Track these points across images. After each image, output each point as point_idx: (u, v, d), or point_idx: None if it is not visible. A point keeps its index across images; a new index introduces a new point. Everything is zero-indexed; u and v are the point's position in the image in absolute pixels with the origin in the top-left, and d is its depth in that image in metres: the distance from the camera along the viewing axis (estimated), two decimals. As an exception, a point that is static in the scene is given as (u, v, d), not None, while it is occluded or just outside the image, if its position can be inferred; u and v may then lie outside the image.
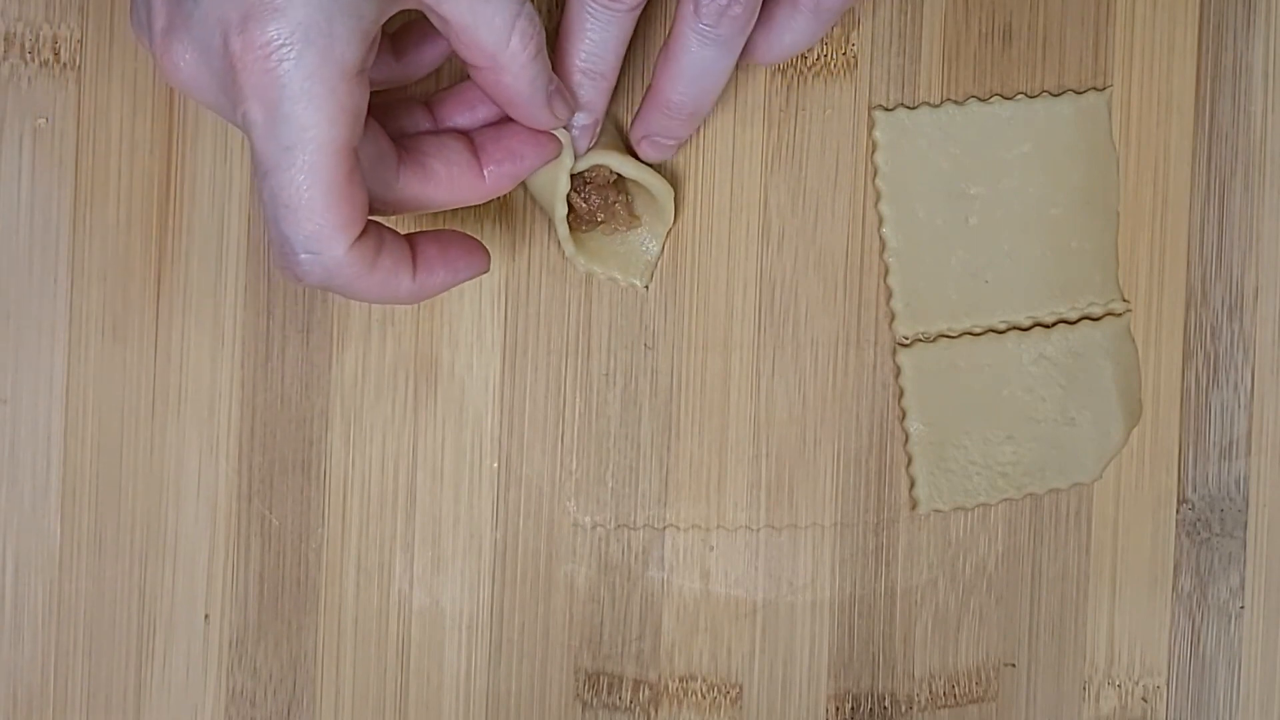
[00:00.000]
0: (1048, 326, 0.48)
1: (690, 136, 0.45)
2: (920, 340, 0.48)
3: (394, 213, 0.40)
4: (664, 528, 0.48)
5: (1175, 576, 0.49)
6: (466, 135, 0.42)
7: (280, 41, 0.34)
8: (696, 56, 0.42)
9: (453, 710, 0.47)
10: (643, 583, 0.48)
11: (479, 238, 0.47)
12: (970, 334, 0.48)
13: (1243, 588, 0.49)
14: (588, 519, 0.48)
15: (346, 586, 0.47)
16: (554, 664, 0.48)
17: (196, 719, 0.47)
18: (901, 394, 0.48)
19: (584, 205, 0.45)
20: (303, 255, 0.36)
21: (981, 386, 0.48)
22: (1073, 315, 0.48)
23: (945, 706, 0.49)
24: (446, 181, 0.40)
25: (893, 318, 0.48)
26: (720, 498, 0.48)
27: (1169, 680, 0.49)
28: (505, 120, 0.42)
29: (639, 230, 0.47)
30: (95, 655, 0.47)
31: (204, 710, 0.47)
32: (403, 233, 0.39)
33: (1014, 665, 0.49)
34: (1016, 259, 0.48)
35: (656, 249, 0.47)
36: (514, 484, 0.47)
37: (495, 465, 0.47)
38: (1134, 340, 0.49)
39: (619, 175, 0.45)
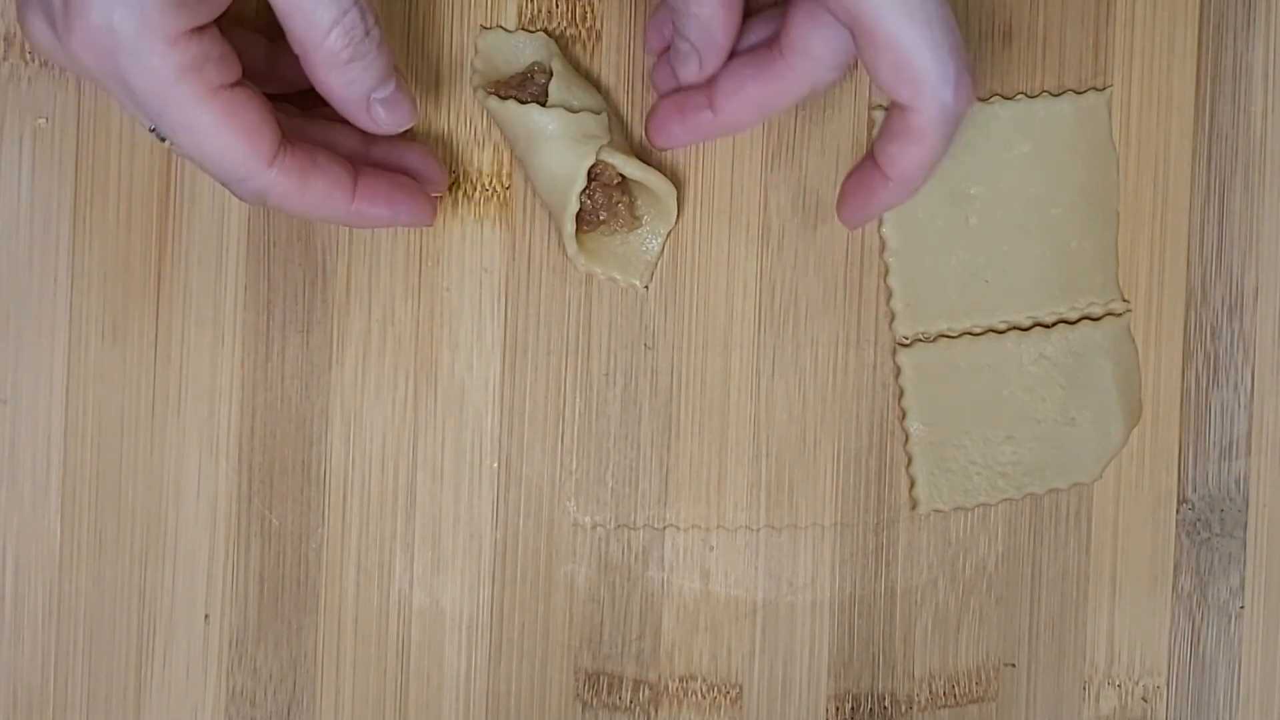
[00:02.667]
0: (1048, 326, 0.48)
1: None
2: (920, 340, 0.48)
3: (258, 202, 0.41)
4: (664, 528, 0.48)
5: (1175, 576, 0.49)
6: (351, 161, 0.42)
7: (102, 26, 0.36)
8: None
9: (453, 710, 0.47)
10: (643, 583, 0.48)
11: (479, 236, 0.47)
12: (970, 334, 0.48)
13: (1243, 588, 0.49)
14: (588, 519, 0.48)
15: (346, 586, 0.47)
16: (554, 664, 0.48)
17: (196, 719, 0.47)
18: (901, 394, 0.48)
19: (589, 203, 0.45)
20: (236, 187, 0.39)
21: (981, 386, 0.48)
22: (1073, 315, 0.48)
23: (945, 706, 0.49)
24: (319, 186, 0.41)
25: (893, 318, 0.48)
26: (720, 498, 0.48)
27: (1169, 680, 0.49)
28: (398, 176, 0.44)
29: (639, 231, 0.47)
30: (95, 655, 0.47)
31: (204, 710, 0.47)
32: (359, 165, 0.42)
33: (1014, 665, 0.49)
34: (1016, 259, 0.48)
35: (657, 249, 0.47)
36: (514, 484, 0.47)
37: (495, 465, 0.47)
38: (1134, 340, 0.49)
39: (623, 176, 0.45)
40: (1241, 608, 0.49)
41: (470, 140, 0.47)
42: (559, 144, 0.44)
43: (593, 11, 0.47)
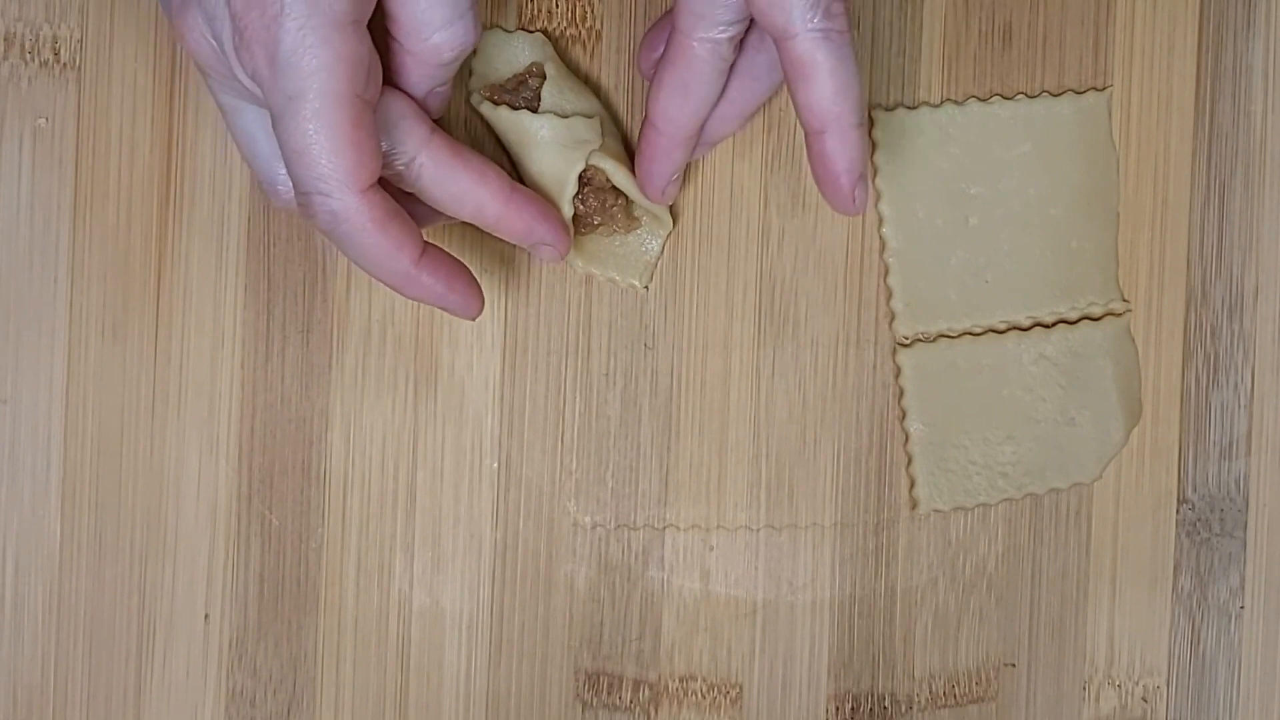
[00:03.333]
0: (1048, 326, 0.48)
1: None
2: (920, 340, 0.48)
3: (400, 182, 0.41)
4: (664, 528, 0.48)
5: (1175, 576, 0.49)
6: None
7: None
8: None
9: (453, 710, 0.47)
10: (643, 583, 0.48)
11: (479, 237, 0.47)
12: (970, 334, 0.48)
13: (1243, 588, 0.49)
14: (588, 519, 0.48)
15: (346, 586, 0.47)
16: (554, 664, 0.48)
17: (196, 719, 0.47)
18: (901, 394, 0.48)
19: (582, 207, 0.45)
20: (314, 196, 0.38)
21: (981, 386, 0.48)
22: (1073, 315, 0.48)
23: (945, 706, 0.49)
24: (473, 174, 0.41)
25: (893, 318, 0.48)
26: (720, 498, 0.48)
27: (1169, 680, 0.49)
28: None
29: (638, 232, 0.47)
30: (95, 655, 0.47)
31: (204, 710, 0.47)
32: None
33: (1014, 665, 0.49)
34: (1016, 259, 0.48)
35: (656, 250, 0.47)
36: (514, 484, 0.47)
37: (495, 465, 0.47)
38: (1134, 340, 0.49)
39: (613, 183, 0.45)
40: (1241, 608, 0.49)
41: (470, 141, 0.47)
42: (550, 150, 0.44)
43: (592, 12, 0.47)
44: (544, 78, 0.45)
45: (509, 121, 0.45)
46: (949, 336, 0.48)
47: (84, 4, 0.46)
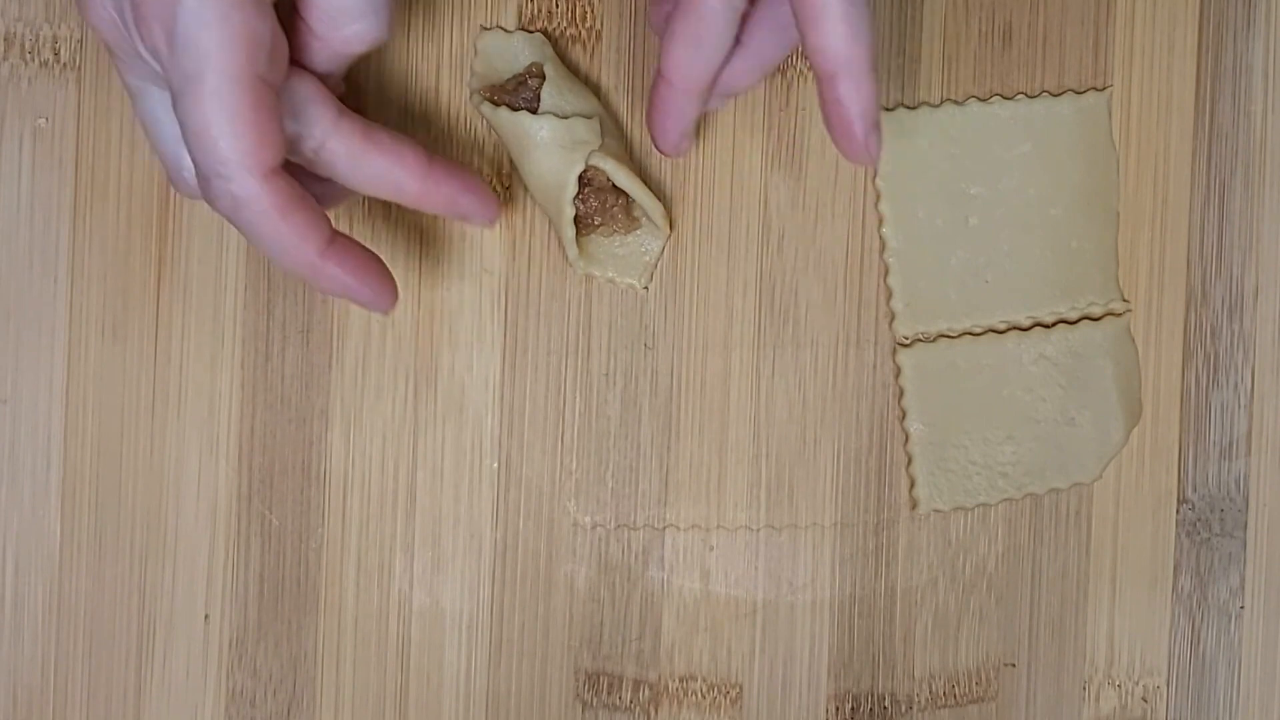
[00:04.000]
0: (1048, 326, 0.48)
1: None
2: (920, 340, 0.48)
3: (317, 170, 0.40)
4: (664, 528, 0.48)
5: (1175, 576, 0.49)
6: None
7: None
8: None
9: (453, 710, 0.47)
10: (643, 583, 0.48)
11: (479, 236, 0.47)
12: (970, 334, 0.48)
13: (1243, 588, 0.49)
14: (588, 519, 0.48)
15: (346, 586, 0.47)
16: (554, 664, 0.48)
17: (196, 719, 0.47)
18: (901, 394, 0.48)
19: (582, 208, 0.45)
20: (214, 180, 0.37)
21: (981, 386, 0.48)
22: (1073, 315, 0.48)
23: (945, 706, 0.49)
24: (387, 155, 0.40)
25: (893, 318, 0.48)
26: (720, 498, 0.48)
27: (1169, 680, 0.49)
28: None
29: (638, 232, 0.47)
30: (95, 655, 0.47)
31: (204, 710, 0.47)
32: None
33: (1014, 665, 0.49)
34: (1016, 259, 0.48)
35: (656, 251, 0.47)
36: (514, 484, 0.47)
37: (495, 465, 0.47)
38: (1134, 340, 0.49)
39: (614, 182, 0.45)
40: (1241, 608, 0.49)
41: (469, 141, 0.47)
42: (550, 150, 0.44)
43: (593, 11, 0.47)
44: (543, 78, 0.45)
45: (509, 122, 0.45)
46: (949, 336, 0.48)
47: (84, 4, 0.46)
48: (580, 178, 0.44)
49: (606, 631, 0.48)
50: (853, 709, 0.48)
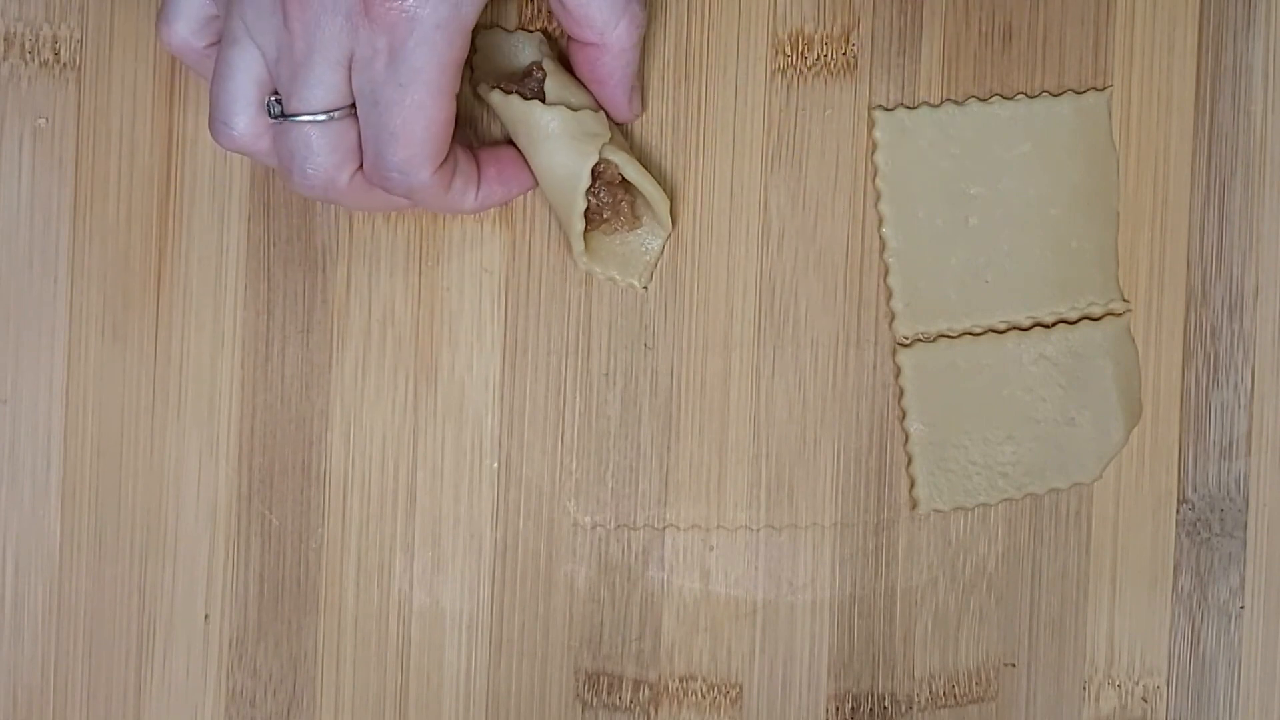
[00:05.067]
0: (1048, 326, 0.48)
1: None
2: (920, 340, 0.48)
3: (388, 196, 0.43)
4: (664, 528, 0.48)
5: (1175, 576, 0.49)
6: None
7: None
8: None
9: (453, 710, 0.47)
10: (643, 583, 0.48)
11: (479, 236, 0.47)
12: (970, 334, 0.48)
13: (1243, 588, 0.49)
14: (588, 519, 0.48)
15: (346, 586, 0.47)
16: (554, 664, 0.48)
17: (196, 719, 0.47)
18: (901, 394, 0.48)
19: (594, 201, 0.45)
20: (395, 174, 0.41)
21: (981, 386, 0.48)
22: (1073, 315, 0.48)
23: (945, 706, 0.49)
24: (458, 186, 0.44)
25: (893, 318, 0.48)
26: (720, 498, 0.48)
27: (1169, 680, 0.49)
28: (503, 148, 0.46)
29: (639, 231, 0.47)
30: (95, 655, 0.47)
31: (204, 710, 0.47)
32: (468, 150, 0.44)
33: (1014, 665, 0.49)
34: (1016, 259, 0.48)
35: (656, 250, 0.47)
36: (514, 484, 0.47)
37: (495, 465, 0.47)
38: (1134, 340, 0.49)
39: (624, 176, 0.45)
40: (1241, 608, 0.49)
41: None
42: (562, 142, 0.44)
43: (593, 11, 0.47)
44: (545, 74, 0.45)
45: (520, 111, 0.44)
46: (949, 336, 0.48)
47: (84, 4, 0.46)
48: (593, 172, 0.44)
49: (606, 631, 0.48)
50: (853, 709, 0.48)
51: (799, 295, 0.48)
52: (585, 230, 0.46)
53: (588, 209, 0.45)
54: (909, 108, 0.48)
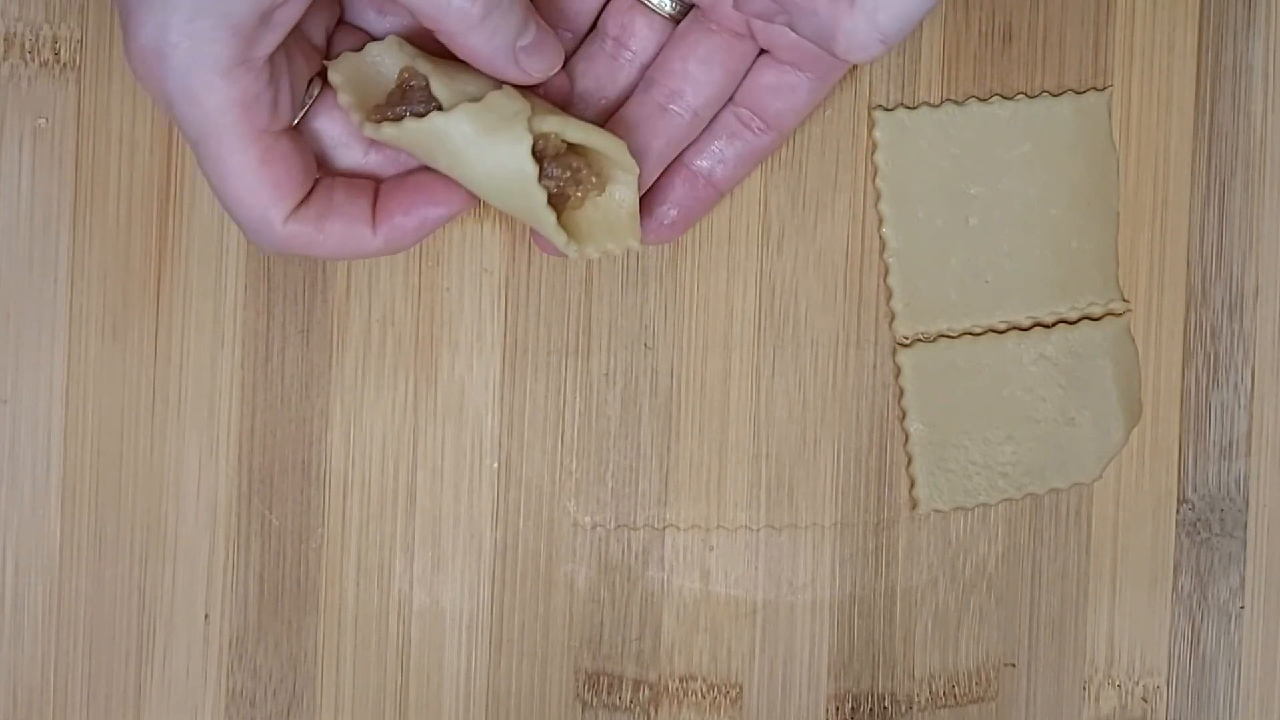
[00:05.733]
0: (1048, 326, 0.48)
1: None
2: (920, 340, 0.48)
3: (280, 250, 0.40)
4: (664, 528, 0.48)
5: (1175, 576, 0.49)
6: (375, 183, 0.41)
7: (150, 46, 0.35)
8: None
9: (453, 710, 0.47)
10: (643, 583, 0.48)
11: (479, 237, 0.47)
12: (970, 334, 0.48)
13: (1243, 588, 0.49)
14: (588, 519, 0.48)
15: (346, 586, 0.47)
16: (554, 664, 0.48)
17: (196, 719, 0.47)
18: (901, 394, 0.48)
19: (554, 186, 0.40)
20: (250, 232, 0.38)
21: (981, 386, 0.48)
22: (1073, 315, 0.48)
23: (945, 706, 0.49)
24: (336, 229, 0.39)
25: (893, 318, 0.48)
26: (720, 498, 0.48)
27: (1169, 680, 0.49)
28: (408, 175, 0.41)
29: (612, 186, 0.42)
30: (95, 655, 0.47)
31: (204, 710, 0.47)
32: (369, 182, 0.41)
33: (1014, 665, 0.49)
34: (1016, 259, 0.48)
35: (632, 198, 0.42)
36: (514, 484, 0.47)
37: (495, 465, 0.47)
38: (1134, 340, 0.49)
39: (566, 139, 0.40)
40: (1241, 608, 0.49)
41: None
42: (484, 142, 0.38)
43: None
44: (424, 76, 0.39)
45: (424, 134, 0.38)
46: (949, 336, 0.48)
47: (84, 4, 0.46)
48: (534, 153, 0.39)
49: (606, 631, 0.48)
50: (853, 709, 0.48)
51: (799, 295, 0.48)
52: (560, 217, 0.40)
53: (550, 196, 0.40)
54: (909, 108, 0.48)
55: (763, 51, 0.43)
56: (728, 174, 0.45)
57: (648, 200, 0.44)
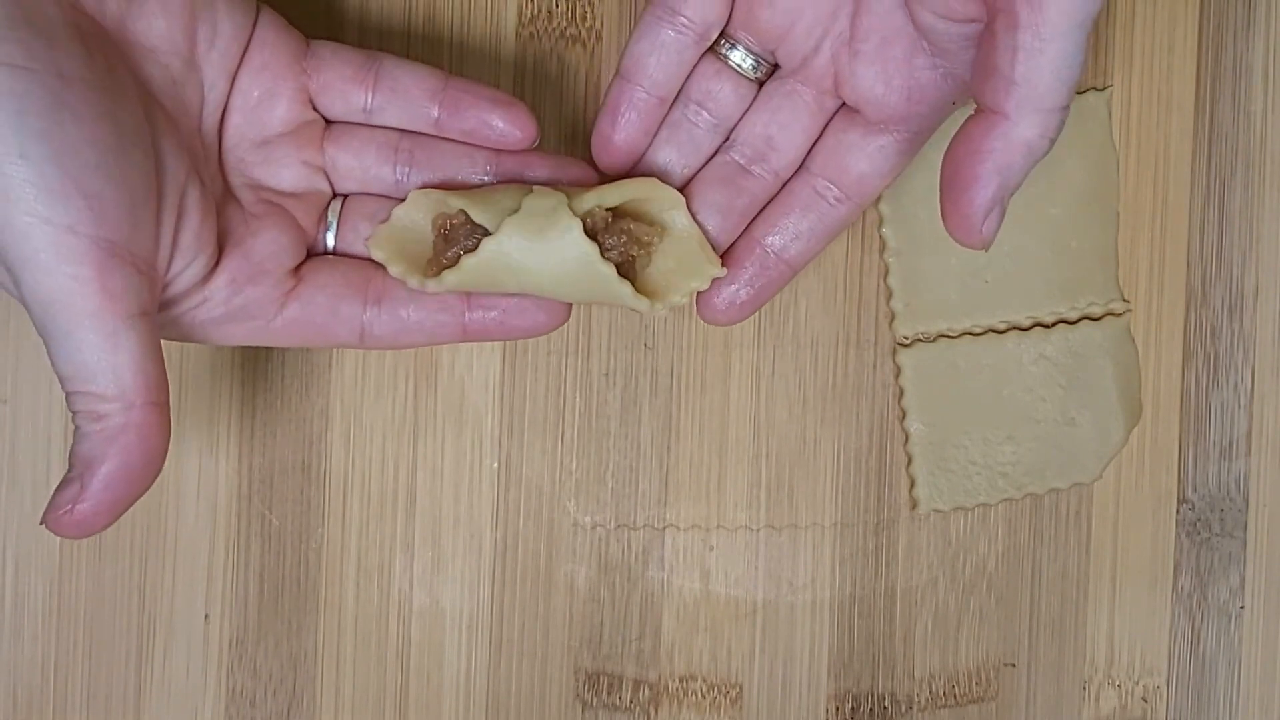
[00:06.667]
0: (1048, 326, 0.48)
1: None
2: (920, 340, 0.48)
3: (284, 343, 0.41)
4: (664, 528, 0.48)
5: (1175, 576, 0.49)
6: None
7: None
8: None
9: (453, 710, 0.47)
10: (643, 583, 0.48)
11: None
12: (970, 334, 0.48)
13: (1243, 588, 0.49)
14: (588, 519, 0.48)
15: (346, 586, 0.47)
16: (554, 664, 0.48)
17: (196, 719, 0.47)
18: (901, 394, 0.48)
19: (616, 256, 0.40)
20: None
21: (981, 386, 0.48)
22: (1073, 315, 0.48)
23: (945, 706, 0.49)
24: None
25: (893, 318, 0.48)
26: (720, 498, 0.48)
27: (1169, 680, 0.49)
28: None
29: (671, 228, 0.42)
30: (95, 655, 0.47)
31: (204, 710, 0.47)
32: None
33: (1014, 665, 0.49)
34: (1016, 259, 0.48)
35: (685, 221, 0.42)
36: (514, 484, 0.47)
37: (495, 465, 0.47)
38: (1134, 340, 0.49)
39: (610, 209, 0.41)
40: (1241, 608, 0.49)
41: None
42: (538, 245, 0.39)
43: (593, 11, 0.47)
44: (462, 211, 0.40)
45: (484, 264, 0.39)
46: (949, 336, 0.48)
47: None
48: (587, 233, 0.39)
49: (606, 631, 0.48)
50: (853, 709, 0.48)
51: (799, 295, 0.48)
52: (636, 284, 0.40)
53: (619, 268, 0.40)
54: (909, 108, 0.48)
55: (839, 109, 0.42)
56: (802, 249, 0.43)
57: (717, 280, 0.42)
